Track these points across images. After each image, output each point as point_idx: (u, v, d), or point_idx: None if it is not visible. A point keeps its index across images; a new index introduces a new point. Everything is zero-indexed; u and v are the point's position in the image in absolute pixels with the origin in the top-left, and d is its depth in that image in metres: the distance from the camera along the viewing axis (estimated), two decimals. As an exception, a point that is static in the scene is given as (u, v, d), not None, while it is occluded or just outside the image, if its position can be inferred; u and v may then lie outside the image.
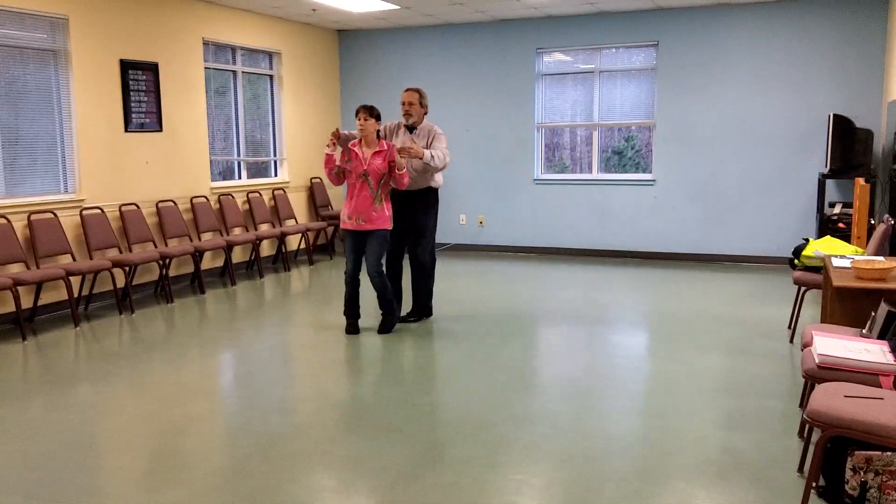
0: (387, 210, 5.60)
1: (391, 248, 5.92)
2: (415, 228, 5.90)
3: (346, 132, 5.68)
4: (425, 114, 5.88)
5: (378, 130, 5.58)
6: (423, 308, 6.13)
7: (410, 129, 5.82)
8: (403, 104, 5.75)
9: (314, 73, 9.98)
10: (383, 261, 5.74)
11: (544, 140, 9.73)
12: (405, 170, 5.50)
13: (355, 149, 5.54)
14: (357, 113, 5.46)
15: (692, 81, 8.80)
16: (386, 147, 5.54)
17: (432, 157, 5.60)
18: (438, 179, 5.95)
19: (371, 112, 5.46)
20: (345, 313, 5.84)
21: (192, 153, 8.10)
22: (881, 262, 4.11)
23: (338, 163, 5.56)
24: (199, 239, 7.97)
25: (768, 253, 8.71)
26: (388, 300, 5.75)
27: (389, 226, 5.64)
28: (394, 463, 3.49)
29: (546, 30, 9.34)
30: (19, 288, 5.96)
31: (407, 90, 5.80)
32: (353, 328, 5.80)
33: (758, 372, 4.77)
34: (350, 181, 5.56)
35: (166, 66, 7.72)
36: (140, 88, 7.41)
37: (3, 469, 3.47)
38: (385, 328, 5.79)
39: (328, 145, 5.52)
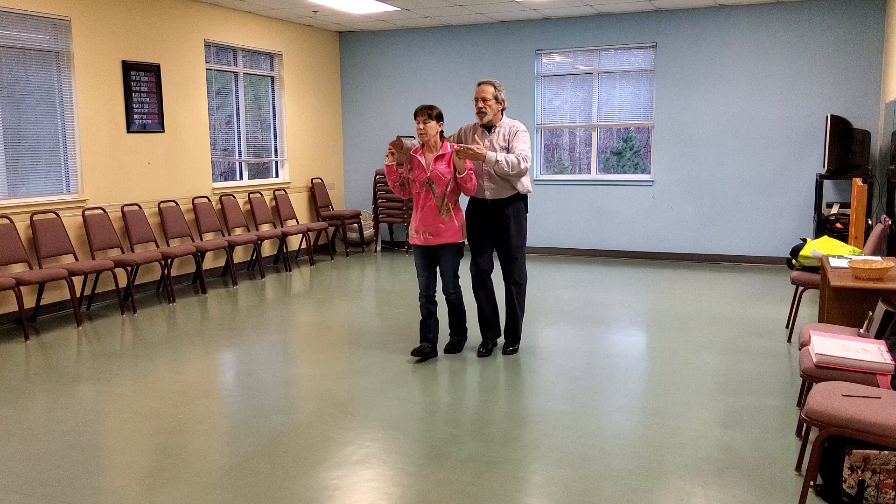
0: (456, 220, 4.96)
1: (482, 265, 5.17)
2: (506, 244, 5.08)
3: (407, 140, 5.03)
4: (503, 109, 5.00)
5: (443, 133, 4.96)
6: (515, 333, 5.29)
7: (488, 128, 5.02)
8: (477, 100, 4.94)
9: (315, 75, 10.01)
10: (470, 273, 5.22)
11: (543, 141, 9.76)
12: (466, 173, 4.81)
13: (417, 155, 4.94)
14: (416, 115, 4.86)
15: (690, 82, 8.83)
16: (450, 150, 4.91)
17: (498, 160, 4.79)
18: (527, 184, 5.06)
19: (431, 113, 4.84)
20: (421, 339, 5.19)
21: (194, 154, 8.13)
22: (878, 261, 4.15)
23: (402, 174, 5.04)
24: (201, 239, 8.00)
25: (766, 253, 8.74)
26: (462, 321, 5.27)
27: (461, 238, 5.00)
28: (395, 461, 3.52)
29: (545, 31, 9.37)
30: (22, 288, 5.99)
31: (480, 84, 4.97)
32: (421, 351, 5.10)
33: (756, 371, 4.80)
34: (414, 191, 4.98)
35: (168, 67, 7.75)
36: (142, 90, 7.44)
37: (6, 468, 3.50)
38: (454, 349, 5.26)
39: (388, 155, 4.91)
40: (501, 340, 5.40)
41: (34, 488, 3.28)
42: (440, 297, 5.27)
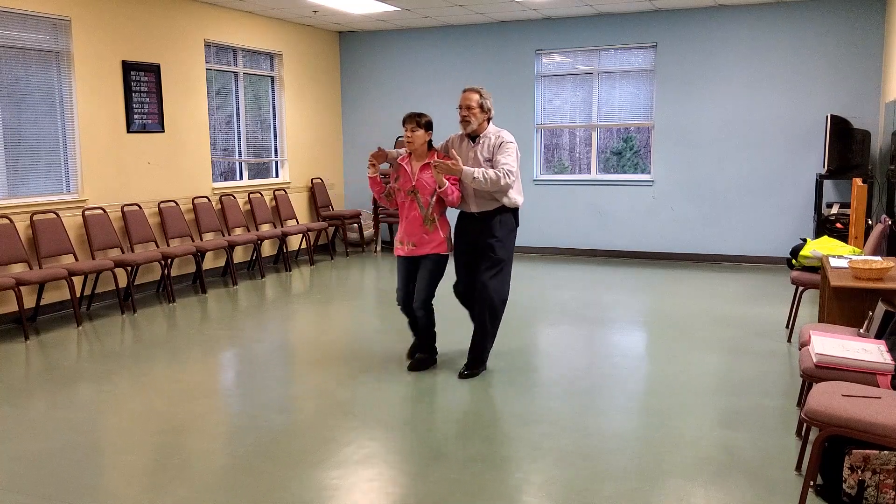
0: (441, 232, 4.72)
1: (466, 281, 4.86)
2: (486, 255, 4.71)
3: (392, 150, 4.97)
4: (489, 119, 4.72)
5: (431, 142, 4.77)
6: (478, 359, 4.85)
7: (473, 137, 4.73)
8: (461, 108, 4.65)
9: (315, 75, 10.01)
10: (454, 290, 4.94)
11: (543, 141, 9.76)
12: (446, 186, 4.58)
13: (404, 164, 4.75)
14: (404, 122, 4.67)
15: (690, 82, 8.84)
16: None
17: (475, 177, 4.48)
18: (515, 198, 4.71)
19: (420, 121, 4.65)
20: (415, 348, 5.06)
21: (194, 154, 8.13)
22: (878, 261, 4.15)
23: (390, 184, 4.84)
24: (201, 239, 8.00)
25: (766, 253, 8.74)
26: (430, 341, 4.97)
27: (445, 250, 4.75)
28: (395, 461, 3.52)
29: (545, 31, 9.37)
30: (22, 288, 5.99)
31: (465, 91, 4.68)
32: (416, 363, 4.93)
33: (756, 371, 4.81)
34: (399, 200, 4.79)
35: (168, 67, 7.75)
36: (142, 90, 7.44)
37: (6, 468, 3.50)
38: (419, 366, 4.93)
39: (369, 167, 4.77)
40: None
41: (34, 488, 3.28)
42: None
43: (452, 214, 4.82)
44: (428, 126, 4.70)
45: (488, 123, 4.74)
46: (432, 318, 4.91)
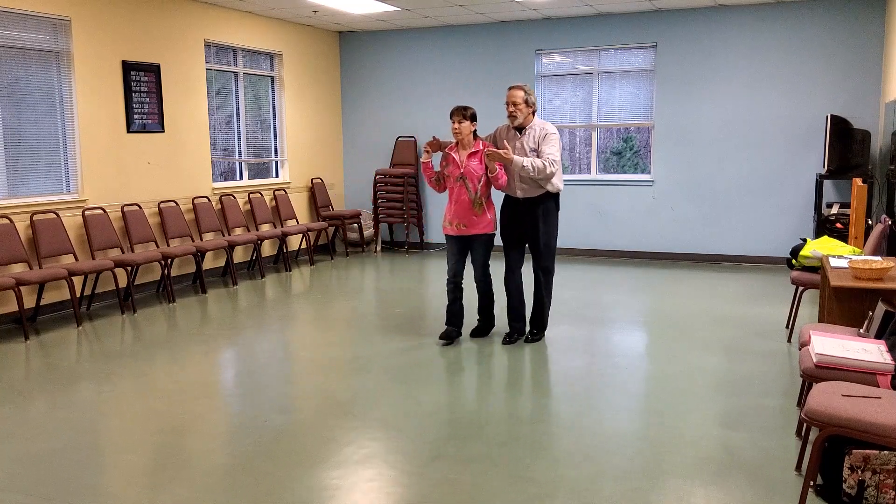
0: (489, 214, 5.35)
1: (513, 258, 5.47)
2: (535, 240, 5.37)
3: (445, 140, 5.49)
4: (534, 112, 5.30)
5: (475, 132, 5.33)
6: (541, 321, 5.59)
7: (520, 129, 5.31)
8: (507, 105, 5.23)
9: (315, 75, 10.01)
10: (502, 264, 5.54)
11: (544, 141, 9.75)
12: (497, 173, 5.18)
13: (452, 153, 5.32)
14: (451, 115, 5.23)
15: (690, 82, 8.84)
16: (482, 148, 5.26)
17: (524, 165, 5.10)
18: (557, 184, 5.30)
19: (465, 113, 5.21)
20: (446, 322, 5.58)
21: (194, 154, 8.14)
22: (878, 261, 4.15)
23: (436, 169, 5.42)
24: (201, 239, 8.00)
25: (766, 253, 8.74)
26: (489, 308, 5.64)
27: (492, 230, 5.39)
28: (396, 461, 3.52)
29: (545, 31, 9.37)
30: (22, 288, 5.99)
31: (510, 88, 5.26)
32: (448, 335, 5.49)
33: (756, 371, 4.81)
34: (449, 185, 5.37)
35: (168, 67, 7.75)
36: (142, 90, 7.44)
37: (6, 468, 3.50)
38: (480, 333, 5.66)
39: (425, 152, 5.31)
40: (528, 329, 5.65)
41: (34, 488, 3.28)
42: (466, 284, 5.61)
43: (497, 201, 5.41)
44: (473, 118, 5.25)
45: (533, 116, 5.31)
46: (490, 287, 5.56)
